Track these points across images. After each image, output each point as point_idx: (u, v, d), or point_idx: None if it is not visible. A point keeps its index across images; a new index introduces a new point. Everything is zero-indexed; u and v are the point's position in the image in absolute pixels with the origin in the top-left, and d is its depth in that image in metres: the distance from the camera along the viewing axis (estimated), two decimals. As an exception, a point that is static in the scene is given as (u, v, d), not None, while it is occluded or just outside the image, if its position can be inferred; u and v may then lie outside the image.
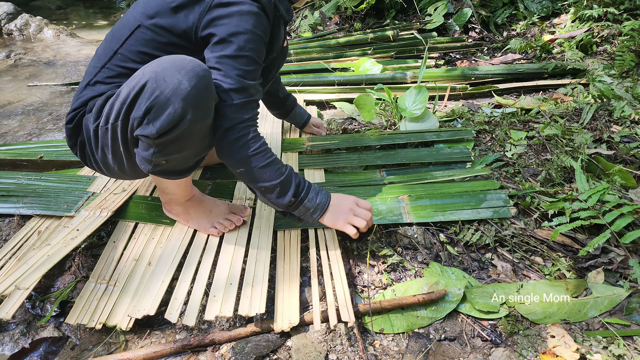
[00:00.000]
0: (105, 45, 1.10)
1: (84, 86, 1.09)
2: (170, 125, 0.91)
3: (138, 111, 0.92)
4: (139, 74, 0.94)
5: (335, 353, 0.98)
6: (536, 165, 1.55)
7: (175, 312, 1.03)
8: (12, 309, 1.00)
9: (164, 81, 0.89)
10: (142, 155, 1.00)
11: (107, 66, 1.07)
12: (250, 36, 0.99)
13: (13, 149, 1.74)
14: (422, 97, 1.80)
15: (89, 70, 1.10)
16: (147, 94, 0.90)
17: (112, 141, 1.02)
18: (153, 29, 1.03)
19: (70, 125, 1.10)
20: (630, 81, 2.05)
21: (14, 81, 2.71)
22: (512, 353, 0.97)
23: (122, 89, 0.96)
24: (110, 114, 0.98)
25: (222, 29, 0.98)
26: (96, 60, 1.10)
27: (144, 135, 0.93)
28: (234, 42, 0.98)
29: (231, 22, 0.98)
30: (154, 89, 0.89)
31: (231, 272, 1.11)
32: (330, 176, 1.55)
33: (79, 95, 1.09)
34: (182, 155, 1.02)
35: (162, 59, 0.94)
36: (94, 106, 1.04)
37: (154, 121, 0.91)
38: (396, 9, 3.36)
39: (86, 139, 1.08)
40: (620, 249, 1.17)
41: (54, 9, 5.07)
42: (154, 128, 0.91)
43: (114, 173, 1.15)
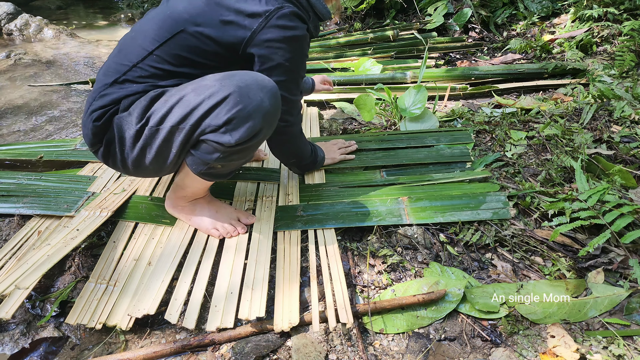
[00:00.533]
0: (134, 44, 1.08)
1: (110, 83, 1.07)
2: (248, 137, 0.99)
3: (216, 120, 0.97)
4: (213, 84, 0.98)
5: (335, 353, 0.98)
6: (536, 165, 1.55)
7: (175, 312, 1.03)
8: (12, 308, 1.01)
9: (248, 97, 0.97)
10: (203, 158, 1.04)
11: (140, 65, 1.06)
12: (301, 59, 1.17)
13: (13, 149, 1.74)
14: (421, 97, 1.80)
15: (114, 67, 1.09)
16: (229, 106, 0.96)
17: (162, 142, 1.03)
18: (198, 36, 1.05)
19: (99, 123, 1.07)
20: (630, 81, 2.05)
21: (14, 81, 2.71)
22: (512, 353, 0.97)
23: (187, 95, 0.99)
24: (168, 117, 1.00)
25: (277, 53, 1.08)
26: (123, 58, 1.08)
27: (217, 142, 0.99)
28: (288, 67, 1.12)
29: (286, 47, 1.09)
30: (236, 102, 0.96)
31: (232, 281, 1.11)
32: (331, 177, 1.55)
33: (104, 92, 1.07)
34: (238, 162, 1.10)
35: (240, 73, 1.01)
36: (135, 106, 1.04)
37: (233, 132, 0.97)
38: (396, 9, 3.36)
39: (117, 138, 1.07)
40: (620, 249, 1.17)
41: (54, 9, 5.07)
42: (233, 138, 0.97)
43: (140, 172, 1.15)
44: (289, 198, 1.43)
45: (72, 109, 2.32)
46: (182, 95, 1.00)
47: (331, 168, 1.59)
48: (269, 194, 1.45)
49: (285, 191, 1.46)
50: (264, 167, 1.61)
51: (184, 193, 1.24)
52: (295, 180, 1.52)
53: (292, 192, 1.46)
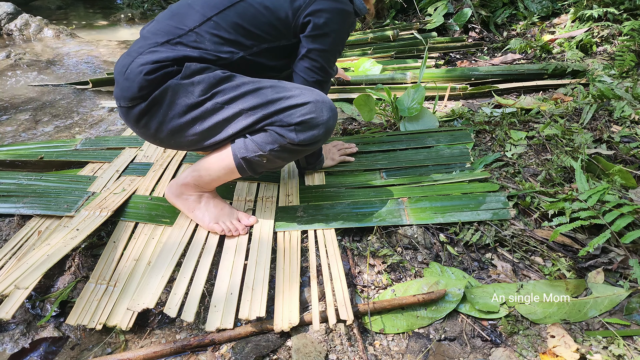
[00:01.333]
0: (191, 10, 1.12)
1: (162, 43, 1.09)
2: (309, 142, 1.10)
3: (289, 118, 1.07)
4: (293, 89, 1.10)
5: (335, 353, 0.98)
6: (536, 165, 1.55)
7: (175, 306, 1.03)
8: (12, 308, 1.01)
9: (321, 110, 1.09)
10: (258, 144, 1.10)
11: (196, 30, 1.10)
12: (345, 35, 1.25)
13: (13, 149, 1.74)
14: (419, 95, 1.80)
15: (167, 29, 1.11)
16: (305, 111, 1.07)
17: (223, 120, 1.09)
18: (257, 6, 1.12)
19: (151, 77, 1.05)
20: (630, 81, 2.05)
21: (14, 81, 2.71)
22: (512, 353, 0.97)
23: (264, 88, 1.09)
24: (238, 101, 1.08)
25: (324, 22, 1.16)
26: (178, 22, 1.11)
27: (283, 135, 1.08)
28: (332, 39, 1.20)
29: (335, 18, 1.18)
30: (311, 110, 1.08)
31: (231, 282, 1.11)
32: (330, 178, 1.55)
33: (156, 49, 1.08)
34: (281, 162, 1.17)
35: (319, 92, 1.12)
36: (202, 78, 1.07)
37: (300, 133, 1.07)
38: (396, 9, 3.36)
39: (168, 101, 1.08)
40: (620, 249, 1.17)
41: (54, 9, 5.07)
42: (298, 138, 1.08)
43: (171, 141, 1.15)
44: (289, 199, 1.43)
45: (72, 109, 2.32)
46: (258, 87, 1.09)
47: (331, 170, 1.59)
48: (269, 195, 1.45)
49: (285, 192, 1.46)
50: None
51: (199, 180, 1.22)
52: (295, 180, 1.52)
53: (292, 192, 1.46)
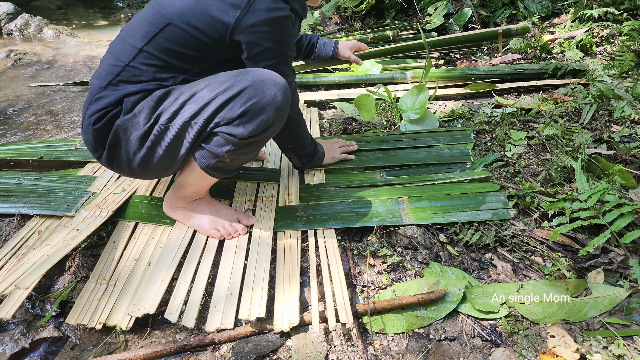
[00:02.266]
0: (123, 44, 1.08)
1: (104, 86, 1.07)
2: (260, 130, 1.03)
3: (230, 112, 1.00)
4: (226, 80, 1.02)
5: (335, 353, 0.98)
6: (536, 165, 1.55)
7: (175, 311, 1.03)
8: (12, 308, 1.01)
9: (262, 91, 1.01)
10: (214, 151, 1.05)
11: (132, 64, 1.06)
12: (289, 39, 1.15)
13: (13, 149, 1.74)
14: (422, 98, 1.80)
15: (107, 70, 1.08)
16: (244, 99, 1.00)
17: (172, 139, 1.04)
18: (185, 28, 1.05)
19: (98, 126, 1.07)
20: (630, 81, 2.05)
21: (14, 81, 2.71)
22: (512, 353, 0.97)
23: (199, 91, 1.02)
24: (179, 114, 1.03)
25: (264, 37, 1.08)
26: (114, 59, 1.08)
27: (230, 134, 1.02)
28: (277, 50, 1.11)
29: (271, 29, 1.08)
30: (251, 96, 1.00)
31: (232, 281, 1.11)
32: (330, 177, 1.55)
33: (99, 95, 1.07)
34: (247, 157, 1.12)
35: (254, 70, 1.04)
36: (140, 107, 1.04)
37: (247, 124, 1.01)
38: (396, 9, 3.36)
39: (123, 140, 1.07)
40: (620, 249, 1.17)
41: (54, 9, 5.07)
42: (246, 130, 1.01)
43: (146, 173, 1.15)
44: (289, 198, 1.43)
45: (72, 108, 2.32)
46: (194, 92, 1.03)
47: (331, 168, 1.59)
48: (269, 194, 1.45)
49: (285, 191, 1.46)
50: (263, 167, 1.61)
51: (185, 192, 1.24)
52: (295, 180, 1.52)
53: (292, 192, 1.46)
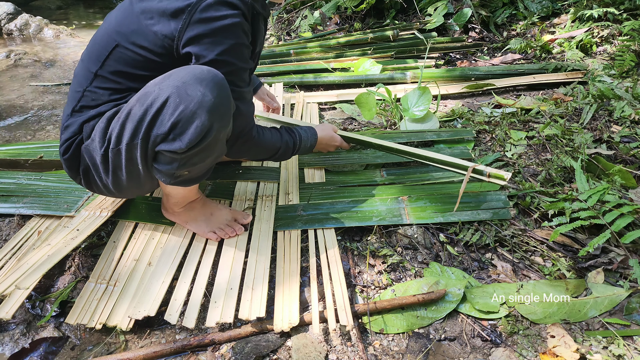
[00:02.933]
0: (82, 67, 1.05)
1: (70, 113, 1.06)
2: (199, 138, 0.92)
3: (161, 127, 0.91)
4: (153, 90, 0.92)
5: (335, 353, 0.98)
6: (536, 165, 1.55)
7: (175, 313, 1.03)
8: (12, 308, 1.01)
9: (187, 95, 0.89)
10: (163, 169, 1.00)
11: (89, 89, 1.03)
12: (238, 48, 1.00)
13: (13, 149, 1.74)
14: (425, 99, 1.80)
15: (71, 96, 1.06)
16: (170, 110, 0.90)
17: (126, 162, 0.99)
18: (132, 48, 0.99)
19: (67, 156, 1.06)
20: (630, 81, 2.05)
21: (14, 81, 2.71)
22: (512, 353, 0.97)
23: (133, 107, 0.94)
24: (123, 135, 0.96)
25: (208, 49, 0.96)
26: (77, 85, 1.06)
27: (169, 150, 0.93)
28: (224, 61, 0.98)
29: (216, 40, 0.96)
30: (177, 104, 0.89)
31: (231, 277, 1.11)
32: (331, 175, 1.55)
33: (67, 124, 1.06)
34: (204, 163, 1.03)
35: (176, 71, 0.93)
36: (95, 131, 1.00)
37: (181, 136, 0.91)
38: (396, 9, 3.36)
39: (91, 165, 1.05)
40: (620, 249, 1.17)
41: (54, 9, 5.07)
42: (182, 143, 0.91)
43: (127, 193, 1.14)
44: (288, 197, 1.43)
45: (72, 109, 2.31)
46: (130, 109, 0.95)
47: (331, 167, 1.59)
48: (268, 194, 1.45)
49: (285, 190, 1.46)
50: (263, 166, 1.61)
51: (174, 200, 1.23)
52: (295, 179, 1.52)
53: (292, 191, 1.46)
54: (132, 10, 0.99)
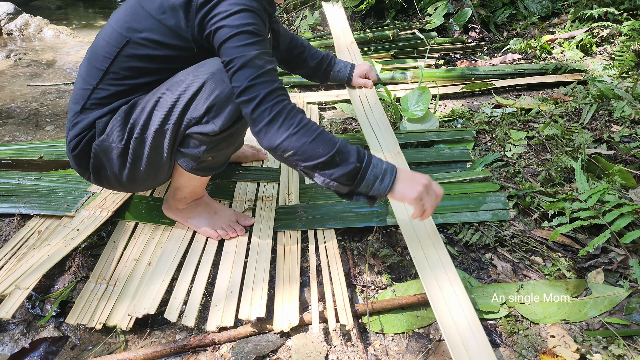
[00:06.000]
0: (89, 66, 1.04)
1: (79, 111, 1.05)
2: (231, 121, 0.97)
3: (196, 111, 0.96)
4: (186, 78, 0.97)
5: (335, 353, 0.98)
6: (536, 165, 1.55)
7: (175, 311, 1.03)
8: (12, 308, 1.01)
9: (222, 81, 0.94)
10: (192, 153, 1.03)
11: (100, 87, 1.02)
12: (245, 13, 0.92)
13: (13, 149, 1.74)
14: (424, 99, 1.80)
15: (79, 94, 1.05)
16: (206, 94, 0.95)
17: (150, 150, 1.02)
18: (145, 43, 0.99)
19: (76, 152, 1.06)
20: (630, 81, 2.05)
21: (14, 81, 2.71)
22: (512, 353, 0.97)
23: (162, 95, 0.98)
24: (150, 123, 0.99)
25: (215, 21, 0.92)
26: (83, 83, 1.05)
27: (201, 133, 0.98)
28: (234, 24, 0.91)
29: (221, 8, 0.92)
30: (212, 88, 0.94)
31: (232, 280, 1.11)
32: (330, 176, 1.55)
33: (76, 121, 1.05)
34: (229, 150, 1.07)
35: (210, 61, 0.98)
36: (111, 125, 1.01)
37: (215, 119, 0.96)
38: (396, 9, 3.36)
39: (105, 160, 1.06)
40: (620, 249, 1.17)
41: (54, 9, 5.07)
42: (216, 126, 0.96)
43: (139, 186, 1.15)
44: (289, 198, 1.43)
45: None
46: (158, 98, 0.99)
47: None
48: (269, 194, 1.45)
49: (285, 191, 1.46)
50: (264, 167, 1.61)
51: (182, 194, 1.23)
52: (295, 180, 1.52)
53: (292, 192, 1.46)
54: (141, 7, 0.99)
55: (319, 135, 0.90)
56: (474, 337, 0.87)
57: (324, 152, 0.89)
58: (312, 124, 0.92)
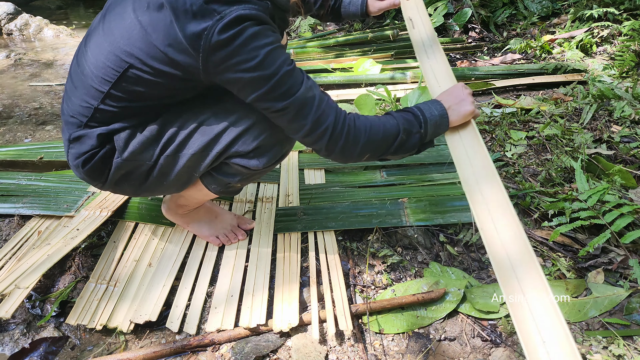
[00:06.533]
0: (86, 84, 0.92)
1: (82, 125, 0.95)
2: (275, 160, 1.01)
3: (244, 146, 0.96)
4: (236, 109, 0.95)
5: (335, 353, 0.98)
6: (536, 165, 1.55)
7: (177, 320, 1.04)
8: (12, 308, 1.01)
9: (271, 125, 0.95)
10: (224, 179, 1.03)
11: (101, 107, 0.92)
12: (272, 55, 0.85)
13: (13, 149, 1.74)
14: (424, 99, 1.80)
15: (77, 110, 0.95)
16: (256, 133, 0.96)
17: (183, 168, 0.98)
18: (150, 71, 0.87)
19: (87, 167, 0.97)
20: (630, 81, 2.05)
21: (14, 81, 2.71)
22: (512, 353, 0.97)
23: (207, 120, 0.96)
24: (187, 144, 0.96)
25: (236, 66, 0.83)
26: (82, 100, 0.94)
27: (245, 166, 0.99)
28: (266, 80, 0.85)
29: (242, 58, 0.83)
30: (262, 129, 0.96)
31: (232, 284, 1.12)
32: (331, 176, 1.55)
33: (78, 134, 0.96)
34: (257, 179, 1.09)
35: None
36: (140, 144, 0.95)
37: (261, 157, 0.98)
38: (396, 9, 3.36)
39: (125, 176, 0.99)
40: (620, 249, 1.17)
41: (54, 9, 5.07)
42: (261, 163, 0.98)
43: (155, 193, 1.10)
44: (289, 199, 1.43)
45: (72, 109, 2.31)
46: (201, 120, 0.95)
47: (331, 168, 1.59)
48: (269, 195, 1.45)
49: (285, 192, 1.46)
50: (264, 167, 1.61)
51: (185, 202, 1.20)
52: (296, 180, 1.52)
53: (292, 192, 1.46)
54: (143, 31, 0.85)
55: (384, 129, 0.97)
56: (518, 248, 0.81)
57: (393, 140, 0.97)
58: (372, 123, 0.96)
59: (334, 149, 0.94)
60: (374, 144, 0.96)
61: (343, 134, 0.93)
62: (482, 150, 1.00)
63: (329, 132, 0.92)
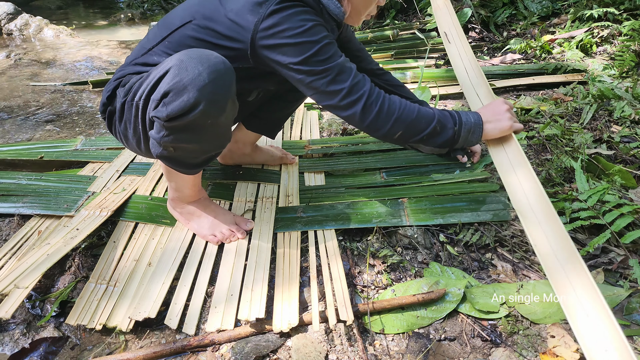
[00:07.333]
0: (156, 30, 1.13)
1: (128, 63, 1.14)
2: (181, 112, 0.93)
3: (157, 93, 0.95)
4: (167, 60, 0.98)
5: (335, 353, 0.98)
6: (536, 165, 1.55)
7: (175, 317, 1.04)
8: (12, 308, 1.01)
9: (185, 70, 0.92)
10: (154, 136, 1.03)
11: (153, 50, 1.09)
12: (308, 32, 0.98)
13: (13, 149, 1.74)
14: (424, 99, 1.80)
15: (136, 50, 1.15)
16: (169, 79, 0.93)
17: (134, 117, 1.06)
18: (206, 29, 1.03)
19: (108, 94, 1.14)
20: (630, 81, 2.05)
21: (14, 81, 2.71)
22: (512, 353, 0.97)
23: (152, 71, 1.01)
24: (137, 92, 1.03)
25: (280, 34, 0.97)
26: (145, 42, 1.14)
27: (156, 116, 0.97)
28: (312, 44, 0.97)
29: (287, 25, 0.96)
30: (175, 74, 0.93)
31: (232, 283, 1.11)
32: (331, 179, 1.55)
33: (121, 69, 1.15)
34: (191, 147, 1.04)
35: (190, 49, 0.97)
36: (128, 82, 1.08)
37: (168, 105, 0.94)
38: (396, 9, 3.36)
39: (117, 110, 1.12)
40: (620, 249, 1.17)
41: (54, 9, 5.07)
42: (166, 111, 0.94)
43: (132, 147, 1.19)
44: (289, 199, 1.43)
45: (72, 109, 2.32)
46: (149, 72, 1.02)
47: (331, 169, 1.59)
48: (269, 195, 1.45)
49: (285, 192, 1.46)
50: (264, 168, 1.61)
51: (176, 194, 1.24)
52: (296, 181, 1.52)
53: (292, 193, 1.46)
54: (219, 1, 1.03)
55: (419, 112, 1.05)
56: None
57: (426, 125, 1.05)
58: (409, 104, 1.04)
59: (367, 117, 1.01)
60: (407, 123, 1.04)
61: (378, 103, 1.01)
62: (525, 162, 1.11)
63: (364, 98, 0.99)
